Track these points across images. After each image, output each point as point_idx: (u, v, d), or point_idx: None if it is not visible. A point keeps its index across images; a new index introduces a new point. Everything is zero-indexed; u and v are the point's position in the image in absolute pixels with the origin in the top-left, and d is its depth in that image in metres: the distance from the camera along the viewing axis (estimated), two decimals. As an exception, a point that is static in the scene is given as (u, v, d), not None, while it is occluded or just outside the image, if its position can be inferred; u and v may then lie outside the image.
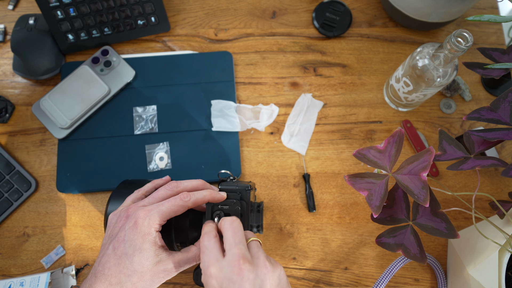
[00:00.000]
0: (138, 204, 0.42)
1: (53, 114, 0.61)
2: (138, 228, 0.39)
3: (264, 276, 0.36)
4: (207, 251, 0.38)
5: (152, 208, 0.40)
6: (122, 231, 0.39)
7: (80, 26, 0.65)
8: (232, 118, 0.63)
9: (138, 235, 0.38)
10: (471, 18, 0.46)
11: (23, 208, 0.61)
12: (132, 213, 0.40)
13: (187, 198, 0.41)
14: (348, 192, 0.62)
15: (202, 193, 0.43)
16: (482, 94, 0.68)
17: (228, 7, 0.71)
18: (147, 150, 0.62)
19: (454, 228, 0.44)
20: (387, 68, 0.69)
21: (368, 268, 0.59)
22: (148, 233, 0.39)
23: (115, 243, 0.39)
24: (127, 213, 0.41)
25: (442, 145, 0.49)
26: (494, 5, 0.73)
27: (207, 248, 0.38)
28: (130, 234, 0.39)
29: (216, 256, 0.37)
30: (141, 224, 0.39)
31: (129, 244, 0.38)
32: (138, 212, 0.39)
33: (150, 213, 0.39)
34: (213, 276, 0.36)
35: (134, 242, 0.38)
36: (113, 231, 0.41)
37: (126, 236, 0.39)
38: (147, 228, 0.39)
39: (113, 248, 0.39)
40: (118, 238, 0.39)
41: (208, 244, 0.38)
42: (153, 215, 0.39)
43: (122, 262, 0.38)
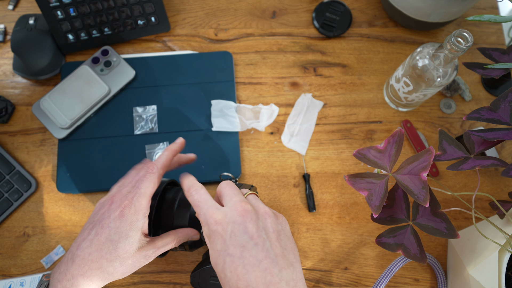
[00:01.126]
0: (121, 191, 0.42)
1: (53, 114, 0.61)
2: (125, 217, 0.39)
3: (265, 219, 0.36)
4: (202, 203, 0.38)
5: (133, 195, 0.40)
6: (107, 219, 0.40)
7: (80, 26, 0.65)
8: (232, 118, 0.63)
9: (125, 223, 0.39)
10: (471, 18, 0.46)
11: (23, 208, 0.61)
12: (116, 201, 0.41)
13: (153, 168, 0.42)
14: (348, 192, 0.62)
15: (164, 154, 0.44)
16: (482, 94, 0.68)
17: (228, 7, 0.71)
18: (147, 150, 0.62)
19: (454, 228, 0.44)
20: (387, 68, 0.69)
21: (368, 268, 0.59)
22: (135, 220, 0.40)
23: (99, 229, 0.39)
24: (111, 200, 0.41)
25: (442, 145, 0.49)
26: (494, 5, 0.73)
27: (200, 200, 0.38)
28: (116, 222, 0.39)
29: (214, 205, 0.37)
30: (128, 213, 0.39)
31: (115, 231, 0.39)
32: (123, 202, 0.40)
33: (133, 200, 0.40)
34: (218, 222, 0.35)
35: (120, 229, 0.39)
36: (96, 217, 0.41)
37: (111, 223, 0.39)
38: (134, 215, 0.39)
39: (96, 234, 0.39)
40: (102, 225, 0.39)
41: (199, 197, 0.39)
42: (137, 200, 0.40)
43: (105, 247, 0.39)
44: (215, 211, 0.36)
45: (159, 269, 0.58)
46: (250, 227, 0.34)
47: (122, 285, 0.57)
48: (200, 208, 0.38)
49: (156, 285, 0.57)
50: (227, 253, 0.34)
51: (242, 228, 0.34)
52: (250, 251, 0.33)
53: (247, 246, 0.33)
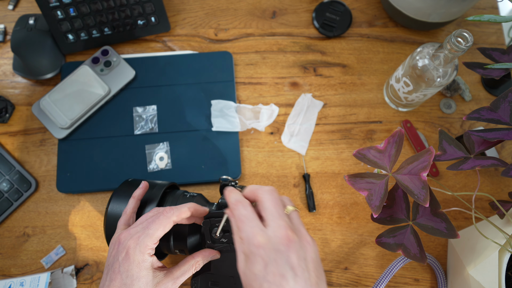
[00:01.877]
0: (129, 231, 0.41)
1: (53, 114, 0.61)
2: (131, 258, 0.39)
3: (306, 247, 0.35)
4: (247, 220, 0.36)
5: (140, 235, 0.40)
6: (117, 262, 0.39)
7: (80, 26, 0.65)
8: (232, 118, 0.63)
9: (133, 265, 0.39)
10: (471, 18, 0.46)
11: (23, 208, 0.61)
12: (123, 242, 0.40)
13: (170, 213, 0.41)
14: (348, 192, 0.62)
15: (186, 205, 0.43)
16: (482, 94, 0.68)
17: (228, 7, 0.71)
18: (147, 150, 0.62)
19: (454, 228, 0.44)
20: (387, 68, 0.69)
21: (368, 268, 0.59)
22: (142, 260, 0.39)
23: (112, 275, 0.39)
24: (118, 241, 0.41)
25: (442, 145, 0.49)
26: (494, 5, 0.73)
27: (246, 217, 0.36)
28: (125, 265, 0.39)
29: (259, 225, 0.36)
30: (133, 254, 0.39)
31: (126, 275, 0.38)
32: (128, 242, 0.39)
33: (139, 240, 0.39)
34: (261, 246, 0.34)
35: (130, 272, 0.38)
36: (109, 261, 0.41)
37: (121, 267, 0.39)
38: (139, 256, 0.39)
39: (111, 280, 0.39)
40: (114, 270, 0.39)
41: (246, 213, 0.37)
42: (142, 241, 0.39)
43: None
44: (259, 232, 0.35)
45: (159, 269, 0.58)
46: (293, 258, 0.34)
47: (122, 285, 0.57)
48: (244, 225, 0.36)
49: (156, 285, 0.57)
50: (265, 279, 0.33)
51: (284, 258, 0.34)
52: (288, 281, 0.33)
53: (286, 276, 0.33)
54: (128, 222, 0.46)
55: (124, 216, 0.46)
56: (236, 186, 0.53)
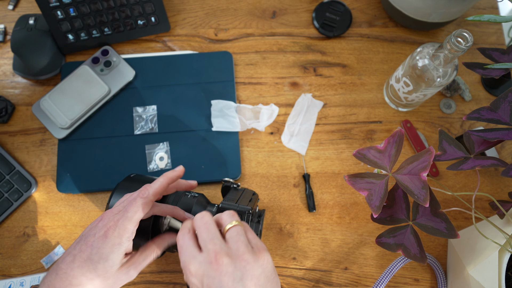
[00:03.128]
0: (112, 211, 0.41)
1: (53, 114, 0.61)
2: (108, 239, 0.39)
3: (244, 267, 0.35)
4: (182, 249, 0.37)
5: (119, 218, 0.40)
6: (92, 237, 0.39)
7: (80, 26, 0.65)
8: (232, 118, 0.63)
9: (107, 245, 0.38)
10: (471, 18, 0.46)
11: (23, 208, 0.61)
12: (104, 220, 0.40)
13: (145, 192, 0.41)
14: (348, 192, 0.62)
15: (158, 180, 0.42)
16: (482, 94, 0.68)
17: (228, 7, 0.71)
18: (147, 150, 0.62)
19: (454, 228, 0.44)
20: (387, 68, 0.69)
21: (368, 268, 0.59)
22: (118, 243, 0.39)
23: (83, 246, 0.39)
24: (101, 217, 0.41)
25: (442, 145, 0.49)
26: (494, 5, 0.73)
27: (182, 246, 0.38)
28: (99, 242, 0.39)
29: (192, 253, 0.37)
30: (111, 235, 0.39)
31: (96, 251, 0.38)
32: (109, 223, 0.39)
33: (119, 223, 0.39)
34: (193, 273, 0.35)
35: (100, 251, 0.38)
36: (85, 232, 0.41)
37: (94, 243, 0.39)
38: (117, 239, 0.39)
39: (79, 250, 0.39)
40: (86, 242, 0.39)
41: (183, 243, 0.38)
42: (122, 224, 0.39)
43: (85, 265, 0.38)
44: (191, 260, 0.36)
45: (159, 269, 0.58)
46: (226, 281, 0.34)
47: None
48: (180, 253, 0.38)
49: (156, 285, 0.57)
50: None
51: (217, 283, 0.34)
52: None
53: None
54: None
55: (124, 197, 0.45)
56: (238, 188, 0.53)
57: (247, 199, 0.49)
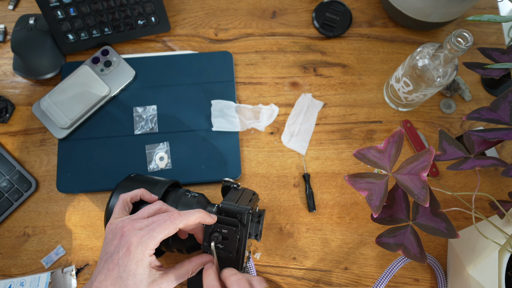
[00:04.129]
0: (134, 226, 0.41)
1: (53, 114, 0.61)
2: (131, 255, 0.39)
3: None
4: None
5: (144, 234, 0.40)
6: (116, 255, 0.40)
7: (80, 26, 0.65)
8: (232, 118, 0.63)
9: (132, 261, 0.39)
10: (471, 18, 0.46)
11: (23, 208, 0.61)
12: (126, 236, 0.40)
13: (178, 220, 0.42)
14: (348, 192, 0.62)
15: (194, 214, 0.43)
16: (482, 94, 0.68)
17: (228, 7, 0.71)
18: (147, 150, 0.62)
19: (454, 228, 0.44)
20: (387, 68, 0.69)
21: (368, 268, 0.59)
22: (141, 259, 0.39)
23: (110, 265, 0.40)
24: (122, 232, 0.41)
25: (442, 145, 0.49)
26: (494, 5, 0.73)
27: None
28: (124, 260, 0.39)
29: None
30: (134, 252, 0.39)
31: (123, 269, 0.39)
32: (131, 239, 0.40)
33: (142, 239, 0.40)
34: None
35: (127, 268, 0.39)
36: (109, 249, 0.41)
37: (120, 261, 0.39)
38: (140, 254, 0.39)
39: (108, 269, 0.40)
40: (112, 261, 0.40)
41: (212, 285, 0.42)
42: (145, 242, 0.40)
43: (117, 283, 0.39)
44: None
45: (159, 269, 0.58)
46: None
47: (122, 285, 0.57)
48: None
49: (156, 285, 0.57)
50: None
51: None
52: None
53: None
54: (125, 209, 0.46)
55: (120, 201, 0.46)
56: (238, 188, 0.53)
57: (247, 199, 0.49)
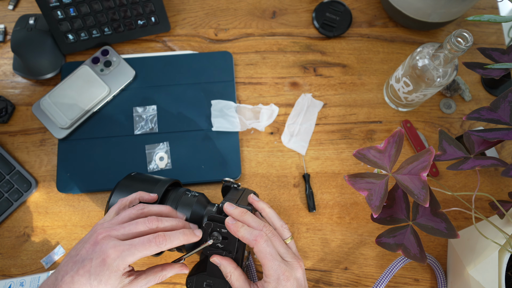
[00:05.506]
0: (110, 234, 0.41)
1: (53, 114, 0.61)
2: (106, 266, 0.39)
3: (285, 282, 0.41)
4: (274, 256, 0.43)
5: (124, 249, 0.39)
6: (89, 262, 0.39)
7: (80, 26, 0.65)
8: (232, 118, 0.63)
9: (105, 272, 0.39)
10: (471, 18, 0.46)
11: (23, 208, 0.61)
12: (104, 247, 0.39)
13: (162, 244, 0.41)
14: (348, 192, 0.62)
15: (179, 238, 0.43)
16: (482, 94, 0.68)
17: (228, 7, 0.71)
18: (147, 150, 0.62)
19: (454, 228, 0.44)
20: (387, 68, 0.69)
21: (368, 268, 0.59)
22: (115, 270, 0.39)
23: (80, 270, 0.39)
24: (96, 239, 0.40)
25: (442, 145, 0.49)
26: (494, 5, 0.73)
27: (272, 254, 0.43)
28: (97, 269, 0.38)
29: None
30: (110, 264, 0.39)
31: (94, 277, 0.38)
32: (109, 251, 0.39)
33: (122, 254, 0.39)
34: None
35: (99, 277, 0.38)
36: (80, 251, 0.40)
37: (92, 269, 0.39)
38: (115, 267, 0.39)
39: (77, 274, 0.39)
40: (84, 267, 0.39)
41: (271, 250, 0.43)
42: (124, 257, 0.39)
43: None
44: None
45: (159, 269, 0.58)
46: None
47: (122, 285, 0.57)
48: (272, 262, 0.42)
49: (156, 285, 0.57)
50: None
51: None
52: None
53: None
54: (118, 213, 0.46)
55: (117, 204, 0.46)
56: (238, 188, 0.53)
57: (247, 199, 0.49)
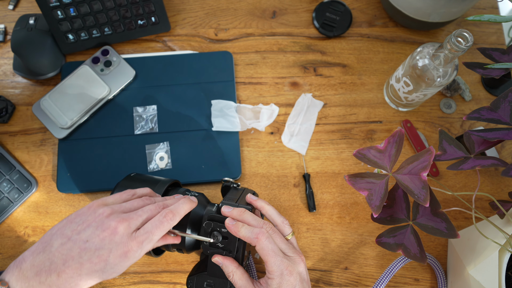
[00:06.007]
0: (131, 226, 0.39)
1: (53, 114, 0.61)
2: (129, 258, 0.39)
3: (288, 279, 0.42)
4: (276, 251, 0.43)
5: (144, 239, 0.39)
6: (107, 252, 0.37)
7: (80, 26, 0.65)
8: (232, 118, 0.63)
9: (127, 263, 0.39)
10: (471, 18, 0.46)
11: (23, 208, 0.61)
12: (123, 237, 0.38)
13: (173, 220, 0.42)
14: (348, 192, 0.62)
15: (183, 207, 0.44)
16: (482, 94, 0.68)
17: (228, 7, 0.71)
18: (147, 150, 0.62)
19: (454, 228, 0.44)
20: (387, 68, 0.69)
21: (368, 268, 0.59)
22: (136, 259, 0.40)
23: (94, 258, 0.37)
24: (115, 230, 0.38)
25: (442, 145, 0.49)
26: (494, 5, 0.73)
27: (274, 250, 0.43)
28: (117, 260, 0.38)
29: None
30: (133, 256, 0.39)
31: (110, 267, 0.38)
32: (130, 243, 0.39)
33: (143, 245, 0.39)
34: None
35: (116, 267, 0.38)
36: (93, 240, 0.38)
37: (110, 259, 0.38)
38: (138, 257, 0.39)
39: (90, 262, 0.37)
40: (100, 255, 0.37)
41: (273, 246, 0.43)
42: (145, 247, 0.40)
43: (96, 274, 0.38)
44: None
45: (159, 269, 0.58)
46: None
47: (122, 285, 0.57)
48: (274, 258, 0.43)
49: (156, 285, 0.57)
50: None
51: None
52: None
53: None
54: (124, 200, 0.44)
55: (126, 192, 0.45)
56: (238, 187, 0.53)
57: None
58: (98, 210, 0.40)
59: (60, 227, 0.39)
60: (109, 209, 0.40)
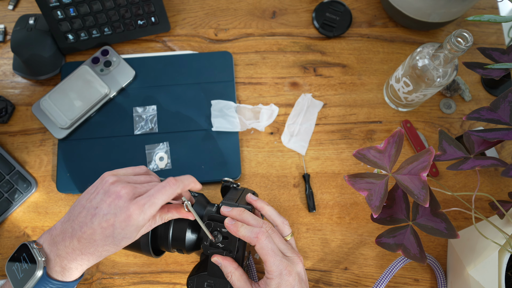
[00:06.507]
0: (134, 191, 0.41)
1: (53, 114, 0.61)
2: (132, 222, 0.40)
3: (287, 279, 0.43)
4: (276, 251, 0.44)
5: (145, 202, 0.40)
6: (112, 216, 0.39)
7: (80, 26, 0.65)
8: (232, 118, 0.63)
9: (131, 227, 0.40)
10: (471, 18, 0.46)
11: (23, 208, 0.61)
12: (125, 201, 0.40)
13: (175, 185, 0.43)
14: (348, 192, 0.62)
15: (188, 179, 0.45)
16: (482, 94, 0.68)
17: (228, 7, 0.71)
18: (147, 150, 0.62)
19: (454, 228, 0.44)
20: (387, 68, 0.69)
21: (368, 268, 0.59)
22: (141, 225, 0.41)
23: (103, 223, 0.40)
24: (119, 194, 0.40)
25: (442, 145, 0.49)
26: (494, 5, 0.73)
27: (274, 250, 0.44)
28: (122, 224, 0.39)
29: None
30: (136, 220, 0.40)
31: (119, 232, 0.40)
32: (132, 207, 0.40)
33: (144, 208, 0.40)
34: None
35: (124, 231, 0.40)
36: (101, 206, 0.40)
37: (116, 223, 0.39)
38: (141, 222, 0.40)
39: (100, 226, 0.39)
40: (107, 220, 0.39)
41: (273, 246, 0.44)
42: (147, 210, 0.40)
43: (108, 240, 0.40)
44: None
45: (159, 269, 0.58)
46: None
47: (122, 286, 0.57)
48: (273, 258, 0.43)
49: (156, 285, 0.57)
50: None
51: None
52: None
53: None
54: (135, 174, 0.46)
55: (140, 167, 0.47)
56: (238, 187, 0.53)
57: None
58: (107, 179, 0.43)
59: (79, 199, 0.43)
60: (116, 177, 0.43)
